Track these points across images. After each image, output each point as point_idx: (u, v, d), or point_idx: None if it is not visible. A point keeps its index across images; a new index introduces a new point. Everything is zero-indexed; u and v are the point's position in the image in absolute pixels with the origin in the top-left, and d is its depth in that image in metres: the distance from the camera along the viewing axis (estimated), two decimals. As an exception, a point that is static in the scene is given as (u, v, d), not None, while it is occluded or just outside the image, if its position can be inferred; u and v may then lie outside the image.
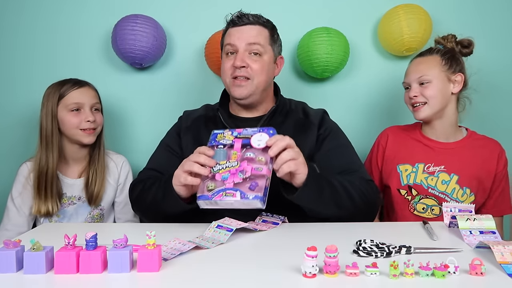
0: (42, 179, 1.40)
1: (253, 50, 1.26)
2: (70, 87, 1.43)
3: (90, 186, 1.47)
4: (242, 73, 1.25)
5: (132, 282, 0.72)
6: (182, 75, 1.83)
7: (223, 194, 0.94)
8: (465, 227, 0.96)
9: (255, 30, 1.27)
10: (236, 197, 0.92)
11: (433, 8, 1.73)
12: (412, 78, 1.41)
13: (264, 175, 0.95)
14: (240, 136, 1.02)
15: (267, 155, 0.97)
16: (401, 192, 1.44)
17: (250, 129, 1.03)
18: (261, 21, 1.30)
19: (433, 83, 1.37)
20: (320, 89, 1.83)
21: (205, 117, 1.37)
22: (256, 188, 0.93)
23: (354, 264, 0.73)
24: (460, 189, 1.38)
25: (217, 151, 1.01)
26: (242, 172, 0.95)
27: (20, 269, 0.76)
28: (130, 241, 0.77)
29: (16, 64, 1.81)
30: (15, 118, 1.81)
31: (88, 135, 1.44)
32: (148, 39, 1.65)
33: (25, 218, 1.45)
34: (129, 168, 1.58)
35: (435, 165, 1.41)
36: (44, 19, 1.80)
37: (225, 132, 1.05)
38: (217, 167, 0.98)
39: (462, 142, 1.43)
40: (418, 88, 1.39)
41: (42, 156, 1.41)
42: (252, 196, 0.92)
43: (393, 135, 1.51)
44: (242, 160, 0.98)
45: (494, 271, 0.74)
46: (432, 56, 1.40)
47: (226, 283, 0.71)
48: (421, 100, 1.39)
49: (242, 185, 0.94)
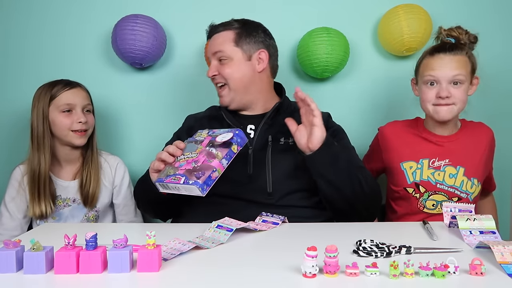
0: (35, 181, 1.39)
1: (219, 57, 1.32)
2: (62, 88, 1.42)
3: (85, 187, 1.45)
4: (217, 80, 1.33)
5: (132, 282, 0.72)
6: (182, 75, 1.83)
7: (173, 178, 1.03)
8: (465, 227, 0.96)
9: (220, 38, 1.33)
10: (180, 182, 1.00)
11: (433, 8, 1.73)
12: (446, 75, 1.31)
13: (212, 166, 1.01)
14: (211, 134, 1.12)
15: (225, 152, 1.04)
16: (408, 190, 1.40)
17: (222, 130, 1.12)
18: (228, 24, 1.34)
19: (464, 85, 1.32)
20: (320, 89, 1.83)
21: (209, 117, 1.40)
22: (201, 177, 0.99)
23: (354, 264, 0.73)
24: (468, 181, 1.36)
25: (187, 145, 1.12)
26: (195, 162, 1.04)
27: (20, 269, 0.76)
28: (130, 241, 0.77)
29: (16, 64, 1.81)
30: (8, 120, 1.79)
31: (80, 136, 1.42)
32: (148, 39, 1.65)
33: (18, 222, 1.44)
34: (125, 169, 1.55)
35: (439, 159, 1.38)
36: (43, 19, 1.80)
37: (203, 131, 1.16)
38: (181, 157, 1.08)
39: (460, 133, 1.41)
40: (450, 88, 1.31)
41: (34, 158, 1.39)
42: (192, 182, 0.99)
43: (392, 130, 1.47)
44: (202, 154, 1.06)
45: (494, 271, 0.74)
46: (461, 55, 1.32)
47: (226, 283, 0.71)
48: (452, 101, 1.31)
49: (190, 173, 1.02)
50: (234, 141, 1.06)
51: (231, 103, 1.33)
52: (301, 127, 1.16)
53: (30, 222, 1.49)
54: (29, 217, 1.47)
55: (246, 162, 1.25)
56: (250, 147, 1.27)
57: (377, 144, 1.51)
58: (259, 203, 1.18)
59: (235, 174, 1.23)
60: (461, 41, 1.36)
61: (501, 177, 1.55)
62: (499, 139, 1.47)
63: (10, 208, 1.44)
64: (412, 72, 1.45)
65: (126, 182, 1.54)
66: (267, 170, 1.23)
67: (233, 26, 1.33)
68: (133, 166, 1.65)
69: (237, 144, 1.06)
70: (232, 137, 1.06)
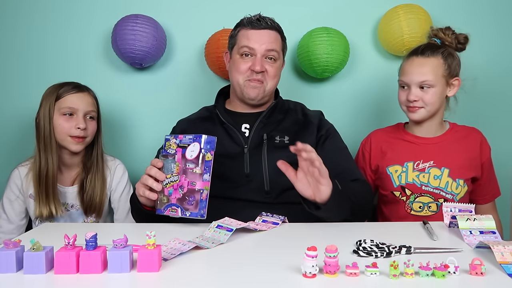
0: (42, 182, 1.36)
1: (270, 55, 1.30)
2: (68, 90, 1.39)
3: (87, 195, 1.41)
4: (259, 77, 1.30)
5: (132, 282, 0.72)
6: (182, 75, 1.83)
7: (170, 210, 1.05)
8: (465, 227, 0.96)
9: (273, 36, 1.32)
10: (178, 214, 1.03)
11: (433, 8, 1.73)
12: (413, 80, 1.34)
13: (199, 189, 1.01)
14: (180, 145, 1.06)
15: (202, 166, 1.01)
16: (395, 194, 1.42)
17: (188, 136, 1.05)
18: (276, 26, 1.34)
19: (434, 89, 1.33)
20: (320, 89, 1.83)
21: (202, 118, 1.40)
22: (194, 204, 1.01)
23: (354, 264, 0.73)
24: (453, 182, 1.37)
25: (165, 164, 1.07)
26: (181, 187, 1.03)
27: (20, 269, 0.76)
28: (130, 241, 0.77)
29: (16, 64, 1.81)
30: (12, 120, 1.80)
31: (77, 143, 1.38)
32: (148, 39, 1.65)
33: (15, 225, 1.43)
34: (123, 172, 1.51)
35: (424, 162, 1.39)
36: (43, 19, 1.80)
37: (171, 140, 1.08)
38: (166, 181, 1.06)
39: (446, 135, 1.42)
40: (418, 92, 1.34)
41: (41, 158, 1.36)
42: (189, 214, 1.02)
43: (376, 139, 1.49)
44: (182, 173, 1.04)
45: (494, 271, 0.74)
46: (435, 57, 1.34)
47: (226, 283, 0.71)
48: (420, 104, 1.35)
49: (182, 201, 1.03)
50: (205, 150, 1.02)
51: (261, 98, 1.33)
52: (301, 176, 1.03)
53: (28, 224, 1.48)
54: (27, 220, 1.46)
55: (243, 161, 1.25)
56: (246, 146, 1.27)
57: (362, 157, 1.50)
58: (258, 202, 1.18)
59: (233, 174, 1.23)
60: (446, 42, 1.37)
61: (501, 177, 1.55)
62: (496, 140, 1.47)
63: (8, 211, 1.42)
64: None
65: (122, 187, 1.49)
66: (263, 168, 1.23)
67: (280, 29, 1.36)
68: (132, 166, 1.64)
69: (208, 151, 1.02)
70: (200, 148, 1.02)
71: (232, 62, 1.35)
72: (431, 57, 1.34)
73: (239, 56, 1.31)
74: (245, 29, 1.32)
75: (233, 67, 1.33)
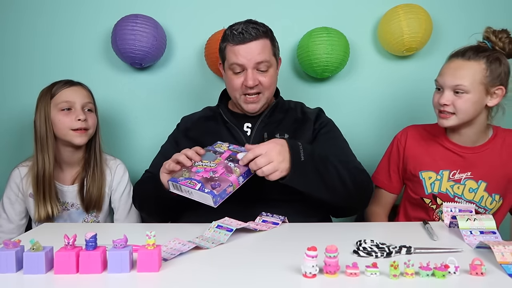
0: (39, 182, 1.36)
1: (260, 67, 1.27)
2: (61, 86, 1.39)
3: (87, 193, 1.42)
4: (254, 91, 1.28)
5: (132, 282, 0.72)
6: (182, 75, 1.83)
7: (188, 182, 1.02)
8: (465, 227, 0.96)
9: (260, 46, 1.26)
10: (196, 187, 1.00)
11: (433, 8, 1.73)
12: (447, 83, 1.23)
13: (230, 180, 1.01)
14: (232, 149, 1.12)
15: (244, 170, 1.05)
16: (425, 200, 1.34)
17: (243, 148, 1.11)
18: (262, 31, 1.27)
19: (469, 95, 1.21)
20: (320, 89, 1.83)
21: (206, 117, 1.41)
22: (217, 188, 0.99)
23: (354, 264, 0.73)
24: (489, 197, 1.28)
25: (207, 153, 1.12)
26: (214, 172, 1.04)
27: (20, 269, 0.76)
28: (130, 241, 0.77)
29: (16, 65, 1.81)
30: (12, 120, 1.80)
31: (80, 135, 1.38)
32: (148, 39, 1.65)
33: (15, 224, 1.44)
34: (124, 172, 1.50)
35: (461, 172, 1.29)
36: (43, 19, 1.80)
37: (224, 144, 1.16)
38: (199, 163, 1.08)
39: (488, 144, 1.30)
40: (451, 96, 1.23)
41: (38, 159, 1.37)
42: (207, 190, 0.99)
43: (413, 135, 1.38)
44: (221, 166, 1.06)
45: (494, 271, 0.74)
46: (476, 61, 1.21)
47: (226, 283, 0.71)
48: (451, 110, 1.23)
49: (207, 181, 1.02)
50: None
51: (260, 109, 1.33)
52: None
53: (28, 224, 1.48)
54: (27, 220, 1.46)
55: None
56: None
57: (397, 150, 1.41)
58: (257, 201, 1.18)
59: None
60: (496, 47, 1.24)
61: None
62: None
63: (8, 210, 1.42)
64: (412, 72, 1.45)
65: (122, 187, 1.49)
66: None
67: (266, 33, 1.28)
68: (132, 166, 1.64)
69: None
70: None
71: (225, 77, 1.34)
72: (472, 60, 1.22)
73: (231, 72, 1.29)
74: (231, 45, 1.27)
75: (227, 83, 1.33)
